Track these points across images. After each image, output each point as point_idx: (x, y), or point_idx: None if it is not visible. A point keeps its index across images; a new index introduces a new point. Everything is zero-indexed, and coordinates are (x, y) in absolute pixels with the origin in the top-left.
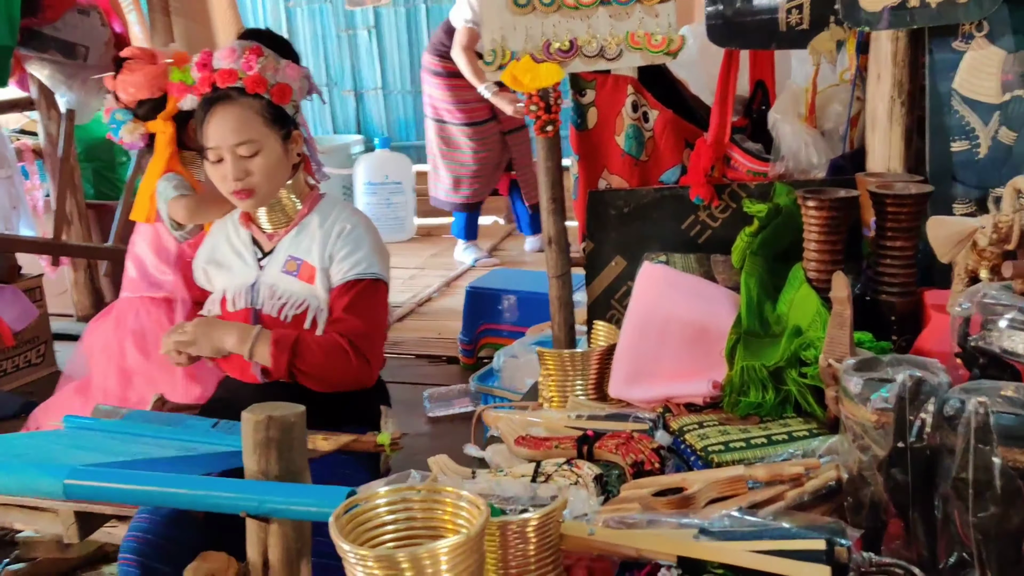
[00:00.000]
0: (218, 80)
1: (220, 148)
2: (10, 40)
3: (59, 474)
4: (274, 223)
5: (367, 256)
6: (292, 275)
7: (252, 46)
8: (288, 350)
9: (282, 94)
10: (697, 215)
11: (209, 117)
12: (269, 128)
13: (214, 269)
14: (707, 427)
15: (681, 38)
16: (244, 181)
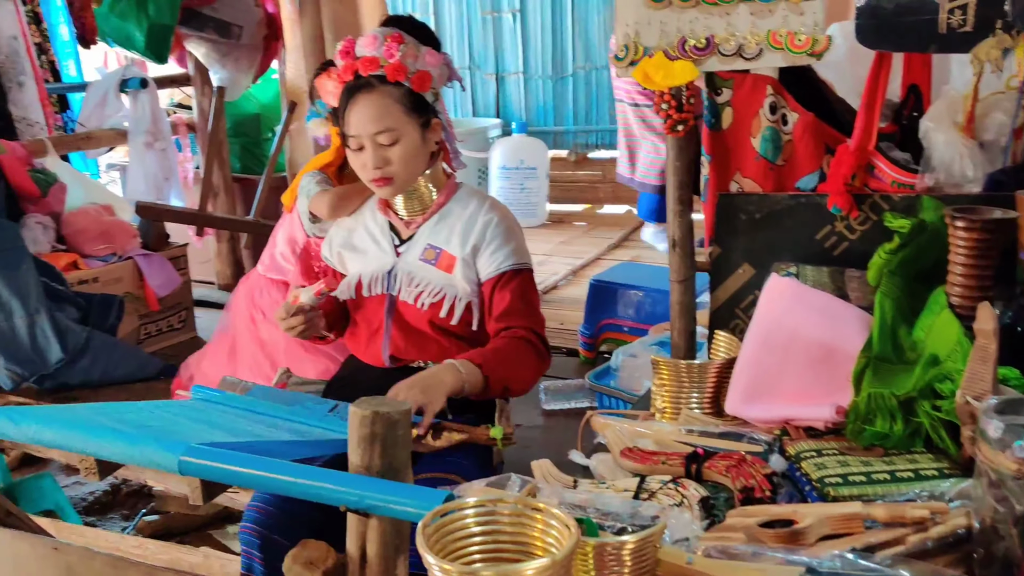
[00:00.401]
0: (360, 68)
1: (360, 136)
2: (171, 19)
3: (176, 450)
4: (411, 210)
5: (519, 247)
6: (430, 263)
7: (393, 33)
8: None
9: (422, 82)
10: (834, 226)
11: (351, 105)
12: (408, 116)
13: (349, 253)
14: (826, 455)
15: (827, 39)
16: (383, 169)
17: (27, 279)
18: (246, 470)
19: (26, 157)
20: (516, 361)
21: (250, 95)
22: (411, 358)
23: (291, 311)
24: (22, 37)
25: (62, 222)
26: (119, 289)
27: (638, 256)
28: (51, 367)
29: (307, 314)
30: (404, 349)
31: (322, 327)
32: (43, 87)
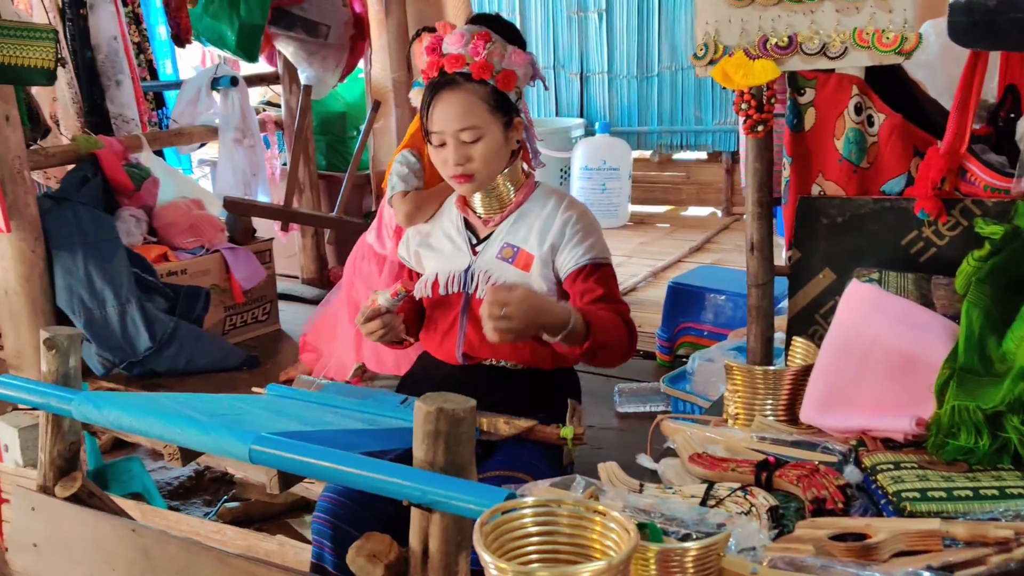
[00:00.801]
0: (446, 65)
1: (444, 133)
2: (261, 19)
3: (247, 439)
4: (489, 209)
5: (598, 242)
6: (508, 262)
7: (481, 31)
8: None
9: (507, 81)
10: (921, 231)
11: (435, 102)
12: (492, 115)
13: (427, 252)
14: (904, 469)
15: (917, 37)
16: (465, 166)
17: (120, 270)
18: (313, 460)
19: (122, 152)
20: (615, 335)
21: (336, 94)
22: (484, 356)
23: (369, 315)
24: (121, 37)
25: (154, 215)
26: (206, 281)
27: (721, 259)
28: (140, 355)
29: (384, 317)
30: (478, 347)
31: (401, 331)
32: (139, 85)
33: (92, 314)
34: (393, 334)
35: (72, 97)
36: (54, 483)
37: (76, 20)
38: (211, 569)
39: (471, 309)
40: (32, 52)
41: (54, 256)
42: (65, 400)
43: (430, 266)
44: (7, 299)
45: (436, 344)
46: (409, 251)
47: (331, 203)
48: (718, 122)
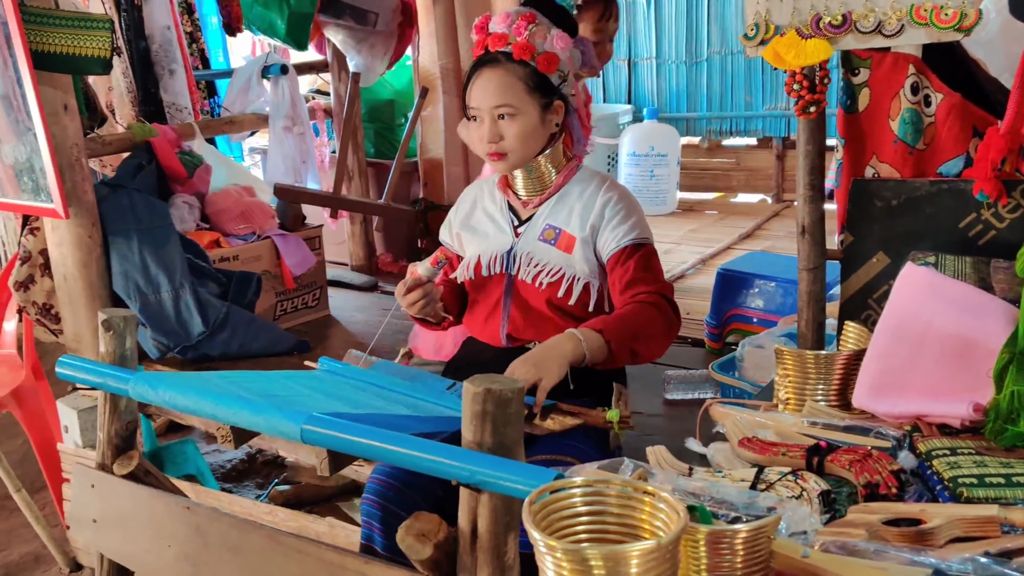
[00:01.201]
0: (490, 43)
1: (480, 109)
2: (311, 7)
3: (298, 419)
4: (530, 190)
5: (639, 223)
6: (550, 243)
7: (526, 12)
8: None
9: (548, 63)
10: (979, 213)
11: (475, 78)
12: (530, 95)
13: (468, 234)
14: (960, 455)
15: (977, 13)
16: (498, 144)
17: (173, 256)
18: (364, 440)
19: (175, 140)
20: (642, 325)
21: (385, 81)
22: (528, 338)
23: (410, 285)
24: (174, 27)
25: (206, 202)
26: (258, 267)
27: (771, 246)
28: (193, 339)
29: (425, 286)
30: (522, 328)
31: (440, 307)
32: (192, 74)
33: (147, 299)
34: (432, 307)
35: (127, 86)
36: (112, 461)
37: (131, 10)
38: (262, 546)
39: (514, 290)
40: (89, 42)
41: (110, 242)
42: (122, 380)
43: (472, 248)
44: (65, 284)
45: (480, 326)
46: (451, 233)
47: (379, 190)
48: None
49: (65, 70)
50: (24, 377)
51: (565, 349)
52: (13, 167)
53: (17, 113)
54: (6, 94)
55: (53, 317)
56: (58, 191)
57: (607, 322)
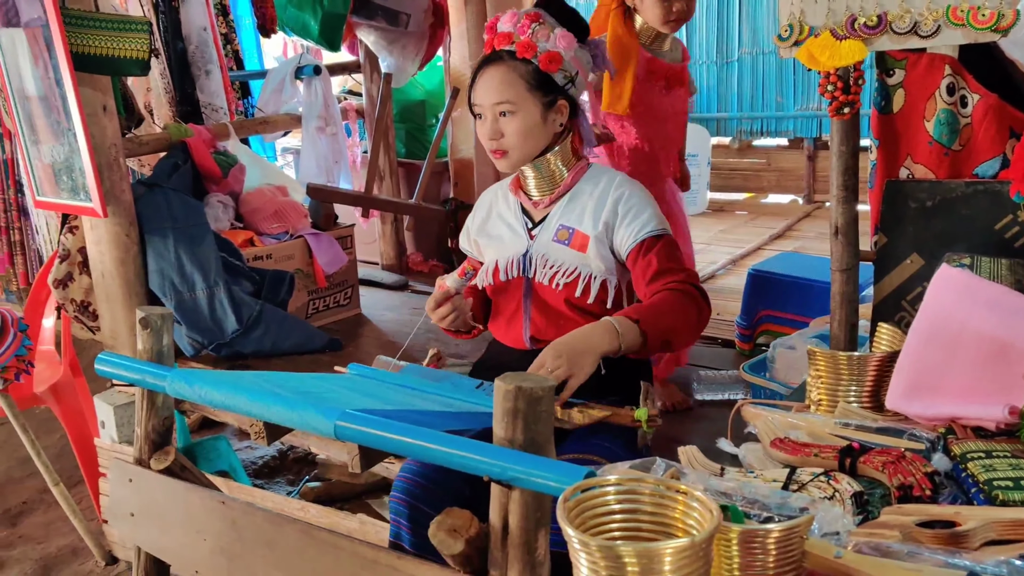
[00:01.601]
0: (496, 42)
1: (483, 106)
2: (344, 8)
3: (332, 416)
4: (542, 190)
5: (654, 214)
6: (564, 244)
7: (532, 12)
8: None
9: (550, 61)
10: (1016, 215)
11: (479, 76)
12: (531, 93)
13: (485, 240)
14: (996, 457)
15: (1015, 13)
16: (499, 141)
17: (208, 254)
18: (397, 437)
19: (211, 140)
20: (675, 314)
21: (416, 82)
22: (551, 338)
23: (440, 299)
24: (211, 28)
25: (240, 201)
26: (290, 266)
27: (802, 247)
28: (227, 336)
29: (455, 299)
30: (544, 330)
31: (469, 316)
32: (227, 75)
33: (182, 296)
34: (463, 319)
35: (164, 87)
36: (149, 456)
37: (168, 12)
38: (296, 540)
39: (534, 293)
40: (128, 44)
41: (147, 240)
42: (159, 376)
43: (489, 254)
44: (103, 281)
45: (503, 331)
46: (470, 241)
47: (410, 190)
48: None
49: (104, 71)
50: (62, 373)
51: (599, 342)
52: (52, 166)
53: (56, 114)
54: (45, 95)
55: (91, 314)
56: (97, 190)
57: (642, 311)
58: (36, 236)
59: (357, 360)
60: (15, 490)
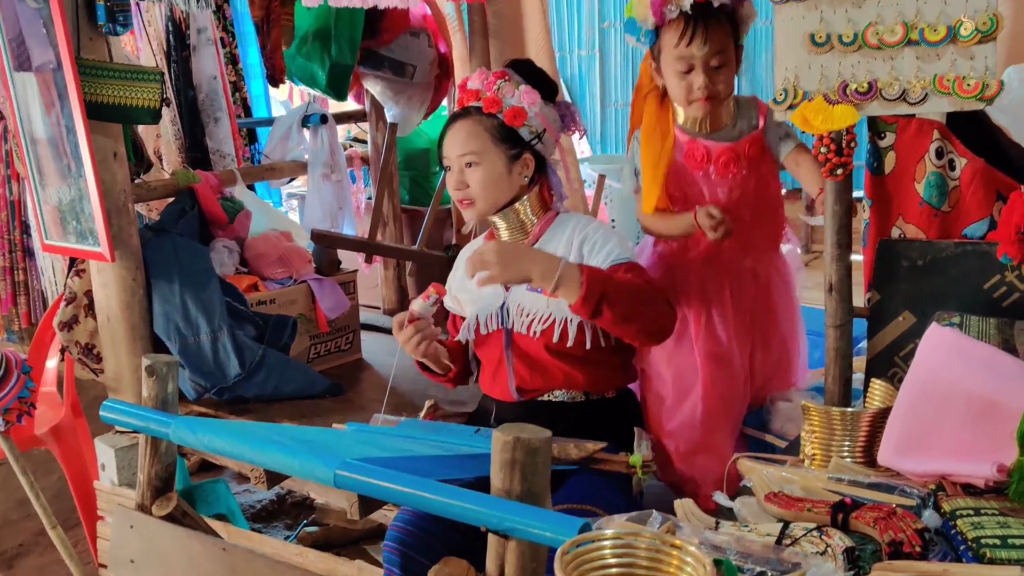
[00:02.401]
0: (465, 98)
1: (450, 158)
2: (351, 59)
3: (332, 464)
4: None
5: (617, 245)
6: (537, 291)
7: (499, 71)
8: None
9: (515, 115)
10: (1004, 275)
11: (448, 130)
12: (495, 145)
13: (465, 296)
14: (984, 515)
15: (998, 83)
16: (463, 191)
17: (213, 299)
18: (396, 487)
19: (218, 186)
20: (630, 291)
21: (421, 131)
22: (537, 387)
23: (401, 321)
24: (220, 77)
25: (245, 246)
26: (293, 310)
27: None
28: (230, 381)
29: (418, 323)
30: (529, 380)
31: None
32: (235, 122)
33: (186, 340)
34: (429, 345)
35: (175, 134)
36: (151, 502)
37: (180, 61)
38: None
39: (514, 343)
40: (140, 93)
41: (152, 284)
42: (164, 424)
43: (469, 309)
44: (109, 325)
45: (490, 383)
46: (452, 298)
47: (413, 236)
48: None
49: (116, 119)
50: (63, 415)
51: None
52: (58, 208)
53: (65, 158)
54: (54, 139)
55: (95, 357)
56: (105, 235)
57: (595, 271)
58: (41, 277)
59: (357, 405)
60: (11, 532)
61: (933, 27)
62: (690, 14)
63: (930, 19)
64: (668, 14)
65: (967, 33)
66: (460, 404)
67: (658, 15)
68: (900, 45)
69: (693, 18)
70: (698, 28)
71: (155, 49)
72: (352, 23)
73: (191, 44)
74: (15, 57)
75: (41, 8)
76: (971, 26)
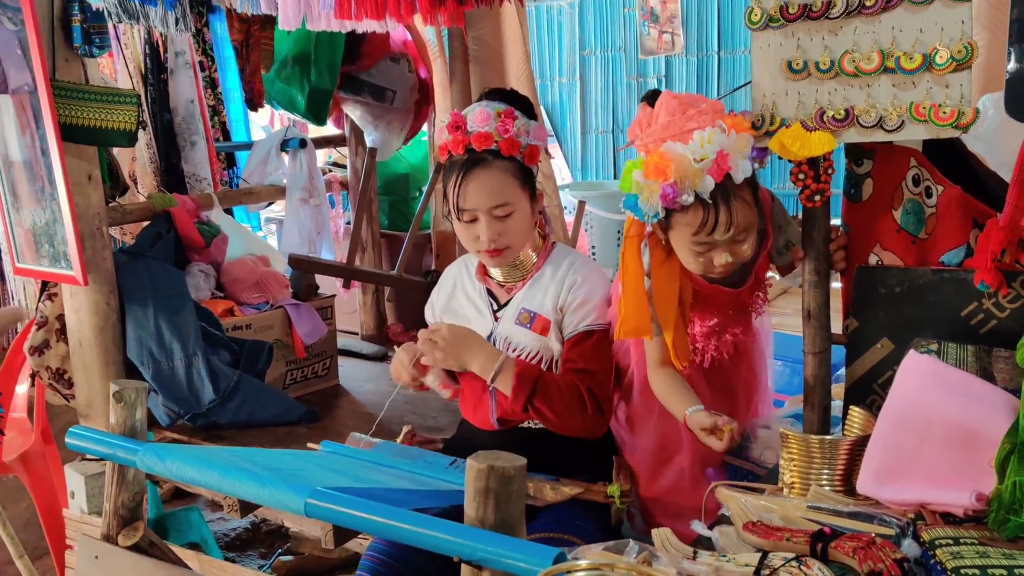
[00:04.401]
0: (473, 143)
1: (476, 210)
2: (331, 84)
3: (303, 493)
4: (509, 278)
5: (596, 307)
6: (526, 327)
7: (505, 109)
8: (529, 387)
9: (532, 156)
10: (981, 303)
11: (467, 180)
12: (522, 190)
13: (451, 319)
14: (964, 544)
15: (974, 111)
16: (497, 241)
17: (188, 324)
18: (368, 516)
19: (194, 210)
20: (559, 398)
21: (400, 156)
22: (519, 419)
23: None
24: (198, 100)
25: (222, 271)
26: (270, 336)
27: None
28: (204, 407)
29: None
30: (512, 411)
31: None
32: (213, 146)
33: (160, 366)
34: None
35: (150, 157)
36: (117, 532)
37: (157, 84)
38: None
39: None
40: (116, 116)
41: (126, 308)
42: (131, 451)
43: None
44: (80, 350)
45: (471, 411)
46: (435, 316)
47: (392, 261)
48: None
49: (91, 142)
50: (33, 441)
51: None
52: (32, 231)
53: (40, 181)
54: (29, 161)
55: (66, 382)
56: (78, 258)
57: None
58: (12, 301)
59: (334, 432)
60: None
61: (909, 55)
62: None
63: (905, 47)
64: (683, 202)
65: (942, 61)
66: (438, 431)
67: (670, 204)
68: (876, 73)
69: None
70: (720, 213)
71: (132, 72)
72: (332, 48)
73: (168, 67)
74: None
75: (18, 30)
76: (946, 54)
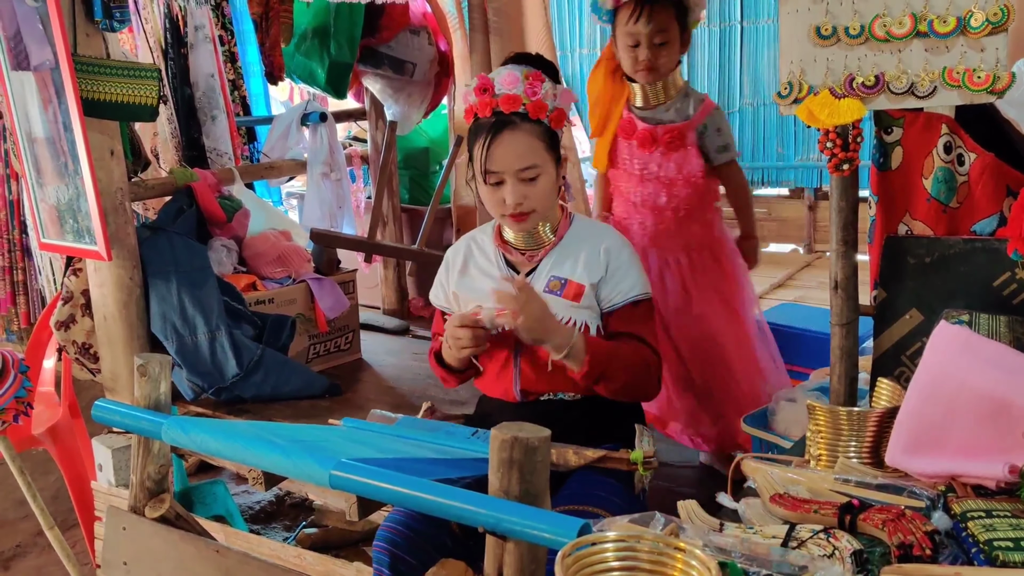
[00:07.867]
0: (501, 105)
1: (503, 172)
2: (350, 58)
3: (327, 465)
4: (528, 244)
5: (640, 278)
6: (556, 294)
7: (533, 71)
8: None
9: (559, 119)
10: (1014, 272)
11: (495, 142)
12: (548, 153)
13: (467, 293)
14: (996, 517)
15: (1010, 76)
16: (524, 205)
17: (211, 298)
18: (392, 487)
19: (216, 185)
20: (626, 368)
21: (420, 129)
22: (542, 390)
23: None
24: (218, 75)
25: (244, 245)
26: (292, 310)
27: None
28: (227, 381)
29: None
30: (535, 382)
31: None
32: (233, 121)
33: (183, 340)
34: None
35: (171, 132)
36: (144, 504)
37: (177, 59)
38: None
39: (524, 344)
40: (137, 90)
41: (150, 283)
42: (155, 424)
43: (473, 307)
44: (105, 324)
45: (491, 383)
46: (447, 295)
47: (413, 236)
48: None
49: (113, 117)
50: (61, 415)
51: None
52: (56, 207)
53: (62, 156)
54: (52, 138)
55: (92, 356)
56: (102, 234)
57: (600, 350)
58: (39, 277)
59: (356, 405)
60: (9, 533)
61: (942, 18)
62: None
63: (939, 10)
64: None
65: (977, 24)
66: (459, 405)
67: (616, 3)
68: (908, 37)
69: (641, 1)
70: (644, 8)
71: (152, 46)
72: (351, 20)
73: (188, 42)
74: (13, 56)
75: (39, 6)
76: (982, 17)
